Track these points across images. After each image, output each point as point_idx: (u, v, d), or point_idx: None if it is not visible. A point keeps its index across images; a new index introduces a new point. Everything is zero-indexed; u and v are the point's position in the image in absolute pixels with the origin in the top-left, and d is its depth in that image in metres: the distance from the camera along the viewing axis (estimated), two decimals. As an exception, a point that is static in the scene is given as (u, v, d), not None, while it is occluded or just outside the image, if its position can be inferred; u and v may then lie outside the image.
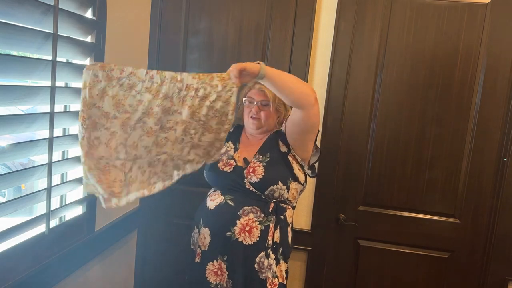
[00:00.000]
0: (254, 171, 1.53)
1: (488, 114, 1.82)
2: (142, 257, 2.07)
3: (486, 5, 1.78)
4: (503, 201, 1.83)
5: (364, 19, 1.85)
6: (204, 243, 1.55)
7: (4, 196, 1.79)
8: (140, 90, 1.22)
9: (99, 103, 1.19)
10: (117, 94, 1.21)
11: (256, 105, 1.58)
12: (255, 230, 1.51)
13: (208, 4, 1.91)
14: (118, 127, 1.23)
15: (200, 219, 1.58)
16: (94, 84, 1.18)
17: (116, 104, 1.22)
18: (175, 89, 1.24)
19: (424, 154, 1.88)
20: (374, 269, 1.98)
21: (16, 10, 1.07)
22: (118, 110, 1.22)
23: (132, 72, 1.22)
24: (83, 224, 1.53)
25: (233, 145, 1.63)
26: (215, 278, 1.54)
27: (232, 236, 1.50)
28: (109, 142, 1.23)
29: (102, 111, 1.21)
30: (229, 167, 1.56)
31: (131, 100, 1.22)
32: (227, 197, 1.54)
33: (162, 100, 1.24)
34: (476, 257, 1.91)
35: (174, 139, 1.30)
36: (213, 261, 1.54)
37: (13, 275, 1.15)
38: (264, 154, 1.57)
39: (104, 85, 1.19)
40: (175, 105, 1.25)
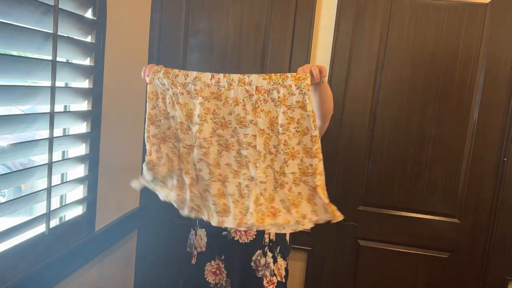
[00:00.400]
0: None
1: (488, 114, 1.82)
2: (142, 257, 2.07)
3: (486, 5, 1.78)
4: (503, 201, 1.83)
5: (364, 19, 1.85)
6: (200, 244, 1.56)
7: (4, 196, 1.79)
8: (207, 97, 1.12)
9: (172, 112, 1.12)
10: (188, 103, 1.12)
11: None
12: (251, 229, 1.50)
13: (208, 4, 1.91)
14: (192, 139, 1.13)
15: (196, 221, 1.58)
16: (164, 93, 1.11)
17: (188, 114, 1.13)
18: (244, 93, 1.10)
19: (424, 154, 1.88)
20: (374, 269, 1.98)
21: (16, 10, 1.07)
22: (191, 121, 1.13)
23: (196, 77, 1.14)
24: (83, 224, 1.53)
25: None
26: (214, 278, 1.54)
27: (228, 236, 1.50)
28: (187, 157, 1.14)
29: (176, 121, 1.12)
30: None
31: (199, 109, 1.12)
32: None
33: (233, 107, 1.11)
34: (476, 257, 1.91)
35: (255, 160, 1.14)
36: (211, 261, 1.54)
37: (13, 275, 1.15)
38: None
39: (175, 91, 1.11)
40: (249, 113, 1.11)
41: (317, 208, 1.16)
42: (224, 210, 1.23)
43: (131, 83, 1.79)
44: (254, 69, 1.91)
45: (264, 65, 1.91)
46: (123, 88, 1.71)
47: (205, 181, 1.23)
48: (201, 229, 1.55)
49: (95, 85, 1.48)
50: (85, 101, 1.46)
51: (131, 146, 1.87)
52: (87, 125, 1.48)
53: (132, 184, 1.36)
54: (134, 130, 1.89)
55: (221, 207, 1.23)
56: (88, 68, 1.45)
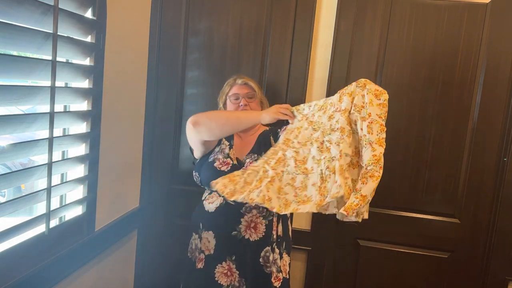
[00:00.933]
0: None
1: (488, 114, 1.82)
2: (142, 257, 2.07)
3: (486, 5, 1.78)
4: (503, 201, 1.83)
5: (364, 19, 1.85)
6: (208, 247, 1.53)
7: (4, 196, 1.79)
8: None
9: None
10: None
11: (243, 98, 1.57)
12: (260, 226, 1.50)
13: (208, 4, 1.91)
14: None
15: (200, 224, 1.56)
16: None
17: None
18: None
19: (424, 154, 1.88)
20: (374, 269, 1.98)
21: (16, 10, 1.07)
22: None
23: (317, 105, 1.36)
24: (83, 224, 1.53)
25: (228, 142, 1.61)
26: (226, 280, 1.51)
27: (238, 235, 1.49)
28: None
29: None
30: (226, 166, 1.53)
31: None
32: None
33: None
34: (476, 257, 1.91)
35: (339, 139, 1.27)
36: (221, 263, 1.51)
37: (13, 275, 1.15)
38: (259, 153, 1.55)
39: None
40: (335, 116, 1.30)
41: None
42: (303, 200, 1.25)
43: (131, 83, 1.79)
44: (254, 69, 1.91)
45: (264, 65, 1.91)
46: (123, 88, 1.71)
47: (290, 174, 1.31)
48: (207, 232, 1.53)
49: (95, 85, 1.48)
50: (85, 101, 1.46)
51: (131, 146, 1.87)
52: (87, 125, 1.48)
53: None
54: (134, 130, 1.89)
55: (302, 198, 1.26)
56: (88, 68, 1.45)
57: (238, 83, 1.60)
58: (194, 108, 1.97)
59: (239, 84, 1.60)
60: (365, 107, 1.22)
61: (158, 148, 2.00)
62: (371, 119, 1.21)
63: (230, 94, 1.60)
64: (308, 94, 1.91)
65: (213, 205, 1.53)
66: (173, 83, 1.96)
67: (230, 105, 1.61)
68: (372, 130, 1.20)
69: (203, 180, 1.57)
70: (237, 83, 1.60)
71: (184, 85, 1.97)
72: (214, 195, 1.54)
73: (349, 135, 1.24)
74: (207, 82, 1.95)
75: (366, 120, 1.21)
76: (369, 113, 1.21)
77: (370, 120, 1.21)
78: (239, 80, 1.60)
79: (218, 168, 1.53)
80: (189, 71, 1.96)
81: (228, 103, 1.62)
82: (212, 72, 1.94)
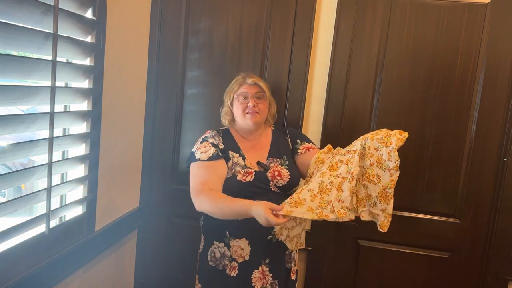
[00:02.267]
0: (280, 174, 1.52)
1: (488, 114, 1.82)
2: (142, 257, 2.07)
3: (486, 5, 1.78)
4: (503, 201, 1.83)
5: (364, 19, 1.85)
6: (242, 254, 1.51)
7: (4, 196, 1.79)
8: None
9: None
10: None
11: (252, 98, 1.52)
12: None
13: (208, 4, 1.91)
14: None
15: (225, 233, 1.52)
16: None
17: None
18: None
19: (424, 154, 1.88)
20: (374, 269, 1.98)
21: (16, 10, 1.07)
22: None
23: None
24: (83, 224, 1.53)
25: (237, 154, 1.56)
26: (260, 284, 1.52)
27: (273, 238, 1.50)
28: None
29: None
30: (250, 176, 1.50)
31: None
32: None
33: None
34: (476, 257, 1.91)
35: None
36: (257, 268, 1.51)
37: (13, 275, 1.15)
38: (281, 157, 1.56)
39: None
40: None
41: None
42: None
43: (131, 83, 1.79)
44: (254, 69, 1.91)
45: (264, 65, 1.91)
46: (123, 88, 1.71)
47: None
48: (239, 240, 1.50)
49: (95, 85, 1.48)
50: (85, 101, 1.46)
51: (131, 146, 1.87)
52: (87, 125, 1.48)
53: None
54: (134, 130, 1.89)
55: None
56: (88, 68, 1.45)
57: (248, 82, 1.55)
58: (194, 108, 1.97)
59: (248, 83, 1.55)
60: (388, 137, 1.36)
61: (158, 148, 2.00)
62: (392, 148, 1.34)
63: (239, 93, 1.55)
64: (308, 94, 1.91)
65: None
66: (173, 83, 1.96)
67: (238, 104, 1.55)
68: (391, 157, 1.35)
69: (225, 192, 1.49)
70: (247, 82, 1.55)
71: (184, 85, 1.97)
72: None
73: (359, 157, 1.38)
74: (207, 82, 1.95)
75: (388, 147, 1.34)
76: (390, 141, 1.35)
77: (391, 148, 1.34)
78: (249, 79, 1.55)
79: (243, 181, 1.49)
80: (189, 71, 1.96)
81: (235, 103, 1.57)
82: (212, 72, 1.94)
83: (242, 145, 1.59)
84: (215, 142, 1.55)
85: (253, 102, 1.52)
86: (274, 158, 1.57)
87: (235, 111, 1.57)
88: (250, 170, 1.52)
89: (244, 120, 1.54)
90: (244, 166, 1.53)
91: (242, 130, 1.61)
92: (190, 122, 1.98)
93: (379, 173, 1.37)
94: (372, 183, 1.38)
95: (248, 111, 1.52)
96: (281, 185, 1.51)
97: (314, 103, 1.92)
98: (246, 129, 1.58)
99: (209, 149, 1.53)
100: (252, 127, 1.56)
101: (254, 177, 1.50)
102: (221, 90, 1.94)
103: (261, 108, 1.54)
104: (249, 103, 1.52)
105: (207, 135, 1.59)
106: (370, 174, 1.38)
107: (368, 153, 1.37)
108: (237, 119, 1.58)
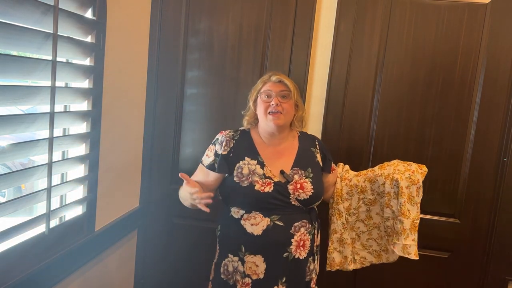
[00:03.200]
0: (302, 187, 1.43)
1: (488, 114, 1.82)
2: (142, 257, 2.07)
3: (486, 5, 1.78)
4: (503, 201, 1.83)
5: (364, 19, 1.85)
6: (257, 271, 1.43)
7: (4, 196, 1.79)
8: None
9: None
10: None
11: (275, 97, 1.41)
12: (307, 242, 1.47)
13: (208, 4, 1.91)
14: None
15: (241, 247, 1.44)
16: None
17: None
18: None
19: (424, 154, 1.88)
20: (374, 269, 1.97)
21: (16, 10, 1.07)
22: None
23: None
24: (83, 224, 1.53)
25: (254, 160, 1.45)
26: None
27: (289, 256, 1.43)
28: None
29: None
30: (268, 187, 1.40)
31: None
32: (273, 217, 1.41)
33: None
34: (476, 257, 1.91)
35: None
36: (273, 287, 1.44)
37: (13, 275, 1.15)
38: (305, 169, 1.47)
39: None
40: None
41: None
42: (384, 250, 1.70)
43: (131, 83, 1.79)
44: (254, 69, 1.91)
45: (264, 65, 1.91)
46: (123, 88, 1.71)
47: (365, 233, 1.69)
48: (254, 256, 1.42)
49: (95, 85, 1.48)
50: (85, 101, 1.46)
51: (131, 146, 1.87)
52: (87, 125, 1.48)
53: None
54: (134, 130, 1.89)
55: (384, 246, 1.69)
56: (88, 68, 1.45)
57: (273, 80, 1.45)
58: (194, 108, 1.97)
59: (273, 81, 1.45)
60: (414, 174, 1.54)
61: (158, 148, 2.00)
62: (419, 185, 1.53)
63: (262, 91, 1.45)
64: (308, 94, 1.91)
65: (258, 227, 1.41)
66: (173, 83, 1.96)
67: (261, 103, 1.45)
68: (419, 193, 1.54)
69: (240, 203, 1.45)
70: (272, 80, 1.45)
71: (184, 85, 1.97)
72: (256, 216, 1.42)
73: (394, 197, 1.58)
74: (207, 82, 1.95)
75: (416, 185, 1.52)
76: (417, 179, 1.53)
77: (418, 186, 1.53)
78: (274, 77, 1.46)
79: (261, 191, 1.40)
80: (189, 71, 1.96)
81: (258, 101, 1.47)
82: (212, 72, 1.94)
83: (263, 150, 1.49)
84: (219, 150, 1.48)
85: (276, 100, 1.40)
86: (298, 169, 1.46)
87: (258, 110, 1.47)
88: (269, 181, 1.41)
89: (266, 121, 1.43)
90: (262, 176, 1.42)
91: (264, 133, 1.50)
92: (190, 122, 1.98)
93: (410, 208, 1.53)
94: (406, 217, 1.52)
95: (271, 110, 1.41)
96: (302, 199, 1.43)
97: (314, 103, 1.92)
98: (269, 131, 1.48)
99: (210, 157, 1.52)
100: (274, 129, 1.45)
101: (273, 188, 1.40)
102: (221, 90, 1.95)
103: (285, 107, 1.42)
104: (272, 101, 1.41)
105: (219, 138, 1.52)
106: (405, 210, 1.52)
107: (402, 192, 1.52)
108: (260, 119, 1.48)
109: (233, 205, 1.48)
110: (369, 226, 1.68)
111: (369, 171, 1.63)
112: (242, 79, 1.92)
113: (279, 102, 1.41)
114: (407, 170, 1.54)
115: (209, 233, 2.01)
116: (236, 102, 1.93)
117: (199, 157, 1.59)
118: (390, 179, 1.53)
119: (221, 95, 1.95)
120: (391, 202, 1.57)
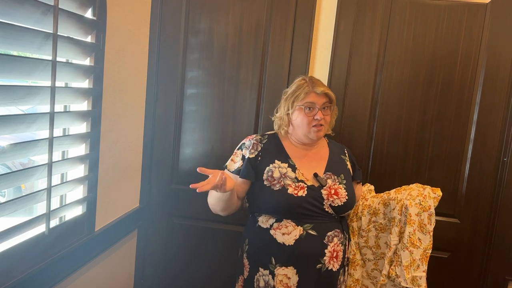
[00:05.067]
0: (337, 193, 1.39)
1: (488, 114, 1.82)
2: (142, 257, 2.07)
3: (486, 5, 1.78)
4: (503, 201, 1.83)
5: (364, 19, 1.85)
6: (289, 284, 1.37)
7: (4, 196, 1.79)
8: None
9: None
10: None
11: (319, 111, 1.38)
12: (340, 253, 1.43)
13: (208, 4, 1.91)
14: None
15: (271, 259, 1.39)
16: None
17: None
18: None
19: (424, 154, 1.88)
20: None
21: (16, 10, 1.07)
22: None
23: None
24: (83, 224, 1.53)
25: (285, 163, 1.41)
26: None
27: (323, 267, 1.38)
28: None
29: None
30: (302, 191, 1.36)
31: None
32: (306, 226, 1.36)
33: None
34: (476, 257, 1.91)
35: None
36: None
37: (13, 275, 1.15)
38: (338, 175, 1.44)
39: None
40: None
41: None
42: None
43: (131, 83, 1.79)
44: (254, 69, 1.91)
45: (264, 65, 1.91)
46: (123, 88, 1.71)
47: (371, 262, 1.56)
48: (286, 268, 1.37)
49: (95, 85, 1.48)
50: (85, 101, 1.46)
51: (131, 146, 1.87)
52: (87, 125, 1.48)
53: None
54: (134, 130, 1.89)
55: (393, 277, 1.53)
56: (88, 68, 1.45)
57: (317, 92, 1.38)
58: (194, 108, 1.97)
59: (317, 93, 1.38)
60: (425, 200, 1.43)
61: (158, 148, 2.00)
62: (431, 212, 1.42)
63: (305, 103, 1.38)
64: (308, 94, 1.91)
65: (290, 236, 1.36)
66: (173, 83, 1.96)
67: (302, 115, 1.39)
68: (431, 221, 1.43)
69: (272, 208, 1.40)
70: (315, 91, 1.38)
71: (184, 85, 1.97)
72: (288, 224, 1.37)
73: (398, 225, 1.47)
74: (207, 82, 1.95)
75: (427, 211, 1.42)
76: (429, 205, 1.42)
77: (429, 212, 1.42)
78: (318, 89, 1.38)
79: (294, 195, 1.36)
80: (189, 71, 1.96)
81: (299, 113, 1.40)
82: (212, 72, 1.94)
83: (293, 153, 1.45)
84: (246, 154, 1.44)
85: (320, 114, 1.37)
86: (332, 174, 1.43)
87: (297, 121, 1.41)
88: (301, 185, 1.37)
89: (308, 133, 1.40)
90: (295, 179, 1.38)
91: (299, 140, 1.47)
92: (190, 122, 1.98)
93: (420, 237, 1.42)
94: (416, 247, 1.42)
95: (315, 123, 1.38)
96: (336, 205, 1.39)
97: (314, 103, 1.92)
98: (305, 141, 1.45)
99: (237, 162, 1.46)
100: (314, 141, 1.44)
101: (306, 193, 1.36)
102: (221, 90, 1.95)
103: (327, 120, 1.41)
104: (316, 115, 1.37)
105: (246, 142, 1.49)
106: (414, 239, 1.42)
107: (411, 220, 1.41)
108: (297, 129, 1.42)
109: (262, 212, 1.43)
110: (376, 255, 1.56)
111: (385, 194, 1.54)
112: (242, 79, 1.92)
113: (322, 116, 1.39)
114: (419, 194, 1.42)
115: (209, 233, 2.01)
116: (236, 102, 1.93)
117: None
118: (400, 204, 1.42)
119: (221, 95, 1.95)
120: (393, 229, 1.46)
